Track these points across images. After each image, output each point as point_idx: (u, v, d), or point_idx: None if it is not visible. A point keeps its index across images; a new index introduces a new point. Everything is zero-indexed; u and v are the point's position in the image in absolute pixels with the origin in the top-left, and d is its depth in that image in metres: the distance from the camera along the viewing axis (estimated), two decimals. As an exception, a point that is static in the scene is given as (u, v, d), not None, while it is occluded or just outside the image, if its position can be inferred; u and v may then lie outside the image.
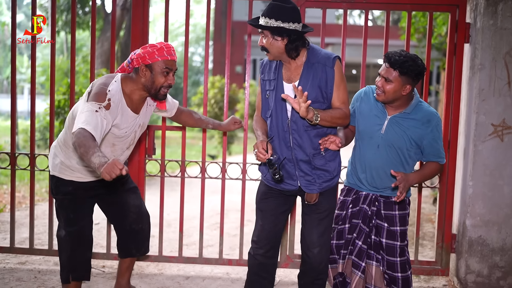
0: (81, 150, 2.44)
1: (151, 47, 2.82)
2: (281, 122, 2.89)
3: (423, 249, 5.11)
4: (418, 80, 2.82)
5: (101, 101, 2.72)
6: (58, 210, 3.09)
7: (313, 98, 2.80)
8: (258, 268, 3.08)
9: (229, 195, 6.88)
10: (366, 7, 3.97)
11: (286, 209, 3.08)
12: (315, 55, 2.86)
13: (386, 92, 2.81)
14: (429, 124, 2.86)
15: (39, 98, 15.16)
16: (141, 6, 4.01)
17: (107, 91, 2.77)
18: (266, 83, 2.97)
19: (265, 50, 2.83)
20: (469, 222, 3.88)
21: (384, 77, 2.80)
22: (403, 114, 2.87)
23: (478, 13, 3.80)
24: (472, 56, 3.86)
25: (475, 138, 3.82)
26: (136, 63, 2.84)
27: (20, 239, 4.91)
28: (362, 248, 2.98)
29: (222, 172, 4.13)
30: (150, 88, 2.86)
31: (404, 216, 2.97)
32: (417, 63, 2.76)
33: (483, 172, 3.83)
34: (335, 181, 3.00)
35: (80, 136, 2.48)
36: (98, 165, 2.35)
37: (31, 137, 4.21)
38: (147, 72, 2.83)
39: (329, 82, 2.82)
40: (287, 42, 2.77)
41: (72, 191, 3.03)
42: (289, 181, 2.95)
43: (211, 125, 3.45)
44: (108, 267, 4.19)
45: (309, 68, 2.84)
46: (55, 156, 3.04)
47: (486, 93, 3.79)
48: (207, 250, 4.92)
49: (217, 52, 22.31)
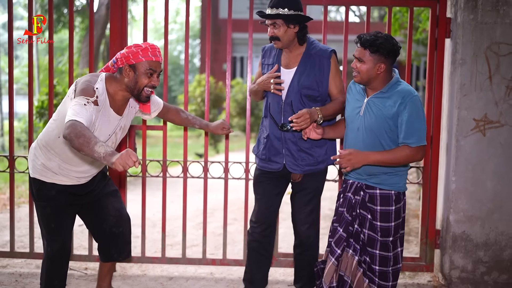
0: (80, 141, 2.36)
1: (135, 47, 2.76)
2: (276, 103, 3.22)
3: (408, 245, 5.10)
4: (392, 58, 2.79)
5: (90, 96, 2.66)
6: (40, 218, 2.99)
7: (308, 85, 3.15)
8: (257, 245, 3.41)
9: (216, 193, 6.87)
10: (346, 3, 3.95)
11: (278, 192, 3.38)
12: (314, 47, 3.20)
13: (360, 72, 2.81)
14: (403, 100, 2.75)
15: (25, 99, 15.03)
16: (119, 5, 3.95)
17: (94, 88, 2.71)
18: (265, 67, 3.32)
19: (275, 39, 3.12)
20: (453, 218, 3.87)
21: (357, 58, 2.80)
22: (379, 93, 2.83)
23: (458, 8, 3.79)
24: (453, 51, 3.85)
25: (457, 133, 3.81)
26: (120, 63, 2.78)
27: (2, 241, 4.85)
28: (341, 235, 2.95)
29: (204, 171, 4.09)
30: (133, 88, 2.79)
31: (387, 212, 2.87)
32: (388, 41, 2.74)
33: (465, 168, 3.82)
34: (319, 167, 3.28)
35: (76, 127, 2.41)
36: (104, 154, 2.32)
37: (9, 138, 4.14)
38: (130, 72, 2.76)
39: (325, 72, 3.16)
40: (298, 29, 3.11)
41: (55, 196, 2.94)
42: (276, 159, 3.27)
43: (198, 125, 3.39)
44: (91, 269, 4.14)
45: (307, 58, 3.18)
46: (35, 157, 2.94)
47: (467, 88, 3.78)
48: (191, 250, 4.88)
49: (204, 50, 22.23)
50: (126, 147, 4.01)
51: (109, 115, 2.82)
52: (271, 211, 3.38)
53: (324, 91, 3.20)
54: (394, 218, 2.88)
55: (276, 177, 3.35)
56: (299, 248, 3.45)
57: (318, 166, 3.28)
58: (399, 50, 2.82)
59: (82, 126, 2.43)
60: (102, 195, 3.13)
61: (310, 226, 3.37)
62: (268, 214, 3.38)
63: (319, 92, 3.18)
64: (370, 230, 2.89)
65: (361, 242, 2.93)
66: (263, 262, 3.47)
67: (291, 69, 3.22)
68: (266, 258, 3.47)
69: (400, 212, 2.91)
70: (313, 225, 3.39)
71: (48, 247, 3.00)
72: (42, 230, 3.02)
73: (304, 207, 3.35)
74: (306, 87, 3.16)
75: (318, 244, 3.47)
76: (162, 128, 4.09)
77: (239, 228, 5.67)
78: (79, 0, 15.86)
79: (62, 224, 3.00)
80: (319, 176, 3.35)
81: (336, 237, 2.98)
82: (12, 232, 4.19)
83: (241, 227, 5.66)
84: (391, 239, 2.88)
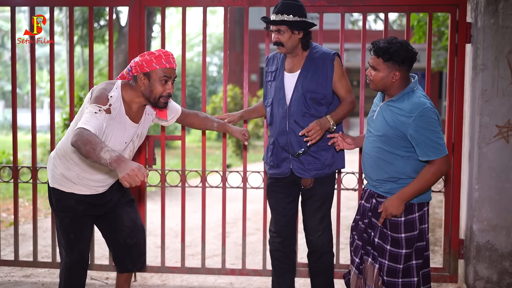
0: (87, 148, 2.37)
1: (149, 54, 2.77)
2: (280, 108, 3.22)
3: (434, 255, 4.99)
4: (408, 65, 2.72)
5: (102, 104, 2.67)
6: (59, 229, 3.00)
7: (312, 88, 3.16)
8: (279, 255, 3.39)
9: (238, 203, 6.85)
10: (363, 10, 3.91)
11: (291, 200, 3.34)
12: (317, 51, 3.23)
13: (374, 81, 2.76)
14: (411, 114, 2.65)
15: (57, 112, 15.32)
16: (137, 15, 4.00)
17: (108, 96, 2.72)
18: (269, 74, 3.35)
19: (279, 45, 3.15)
20: (476, 227, 3.77)
21: (371, 66, 2.76)
22: (390, 101, 2.77)
23: (478, 12, 3.72)
24: (474, 56, 3.77)
25: (480, 140, 3.72)
26: (134, 71, 2.78)
27: (27, 252, 4.93)
28: (357, 244, 2.90)
29: (223, 180, 4.09)
30: (149, 97, 2.80)
31: (395, 223, 2.77)
32: (403, 48, 2.67)
33: (489, 175, 3.73)
34: (326, 171, 3.24)
35: (83, 134, 2.42)
36: (110, 160, 2.32)
37: (32, 149, 4.22)
38: (145, 81, 2.76)
39: (329, 74, 3.17)
40: (302, 35, 3.14)
41: (74, 206, 2.94)
42: (283, 164, 3.26)
43: (216, 124, 3.37)
44: (112, 279, 4.17)
45: (311, 61, 3.20)
46: (54, 167, 2.96)
47: (489, 94, 3.69)
48: (213, 260, 4.87)
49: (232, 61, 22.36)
50: (145, 157, 4.05)
51: (125, 123, 2.83)
52: (286, 220, 3.34)
53: (328, 93, 3.18)
54: (405, 229, 2.76)
55: (287, 185, 3.32)
56: (313, 256, 3.39)
57: (325, 170, 3.23)
58: (415, 56, 2.74)
59: (89, 133, 2.44)
60: (119, 205, 3.14)
61: (322, 233, 3.31)
62: (285, 224, 3.34)
63: (323, 95, 3.17)
64: (380, 239, 2.82)
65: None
66: (288, 270, 3.43)
67: (294, 73, 3.23)
68: (290, 267, 3.43)
69: (414, 224, 2.78)
70: (325, 232, 3.33)
71: (66, 257, 3.00)
72: (61, 240, 3.03)
73: (314, 214, 3.30)
74: (310, 90, 3.16)
75: (332, 251, 3.41)
76: (181, 138, 4.11)
77: (260, 238, 5.64)
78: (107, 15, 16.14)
79: (81, 235, 3.00)
80: (328, 181, 3.31)
81: (353, 246, 2.95)
82: (35, 242, 4.25)
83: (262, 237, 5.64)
84: (404, 252, 2.76)
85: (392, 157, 2.76)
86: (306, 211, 3.34)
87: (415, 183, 2.71)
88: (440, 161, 2.67)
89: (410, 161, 2.75)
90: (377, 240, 2.82)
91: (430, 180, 2.70)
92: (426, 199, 2.84)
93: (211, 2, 3.98)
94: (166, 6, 4.00)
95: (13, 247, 4.78)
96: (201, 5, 4.01)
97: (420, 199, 2.80)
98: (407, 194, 2.72)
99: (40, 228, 5.91)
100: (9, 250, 5.02)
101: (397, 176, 2.77)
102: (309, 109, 3.17)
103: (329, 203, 3.34)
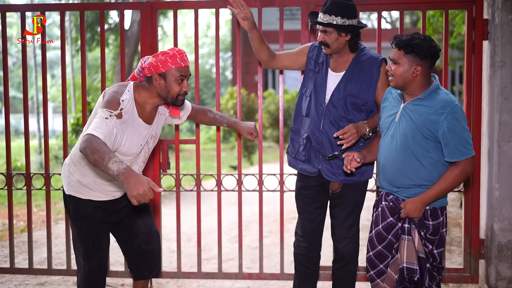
0: (95, 156, 2.31)
1: (163, 54, 2.70)
2: (318, 105, 3.09)
3: (451, 255, 4.93)
4: (430, 61, 2.63)
5: (113, 109, 2.61)
6: (77, 237, 2.93)
7: (354, 92, 3.03)
8: (303, 259, 3.32)
9: (251, 206, 6.82)
10: (378, 8, 3.86)
11: (320, 205, 3.25)
12: (364, 54, 3.09)
13: (395, 75, 2.67)
14: (443, 110, 2.56)
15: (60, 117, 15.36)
16: (149, 19, 3.96)
17: (120, 100, 2.67)
18: (313, 62, 3.17)
19: (325, 45, 3.01)
20: (497, 226, 3.71)
21: (392, 60, 2.67)
22: (416, 100, 2.66)
23: (496, 9, 3.66)
24: (491, 53, 3.71)
25: (499, 138, 3.66)
26: (148, 72, 2.72)
27: (41, 259, 4.89)
28: (382, 251, 2.81)
29: (238, 184, 4.05)
30: (166, 97, 2.75)
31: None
32: (426, 42, 2.59)
33: (509, 174, 3.67)
34: (356, 179, 3.12)
35: (91, 142, 2.37)
36: (118, 173, 2.26)
37: (45, 156, 4.18)
38: (161, 81, 2.71)
39: (374, 80, 3.03)
40: (349, 38, 2.99)
41: (91, 213, 2.89)
42: (314, 161, 3.14)
43: (226, 123, 3.31)
44: (127, 285, 4.13)
45: (356, 64, 3.06)
46: (70, 174, 2.89)
47: (508, 91, 3.64)
48: (227, 264, 4.82)
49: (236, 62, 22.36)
50: (159, 161, 4.00)
51: (138, 125, 2.77)
52: (314, 225, 3.26)
53: (370, 100, 3.05)
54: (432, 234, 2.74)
55: (316, 189, 3.22)
56: (338, 263, 3.32)
57: (355, 178, 3.11)
58: (438, 52, 2.65)
59: (98, 141, 2.38)
60: (134, 211, 3.09)
61: (350, 241, 3.23)
62: (312, 229, 3.27)
63: (365, 101, 3.04)
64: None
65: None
66: (311, 275, 3.36)
67: (338, 73, 3.10)
68: (314, 272, 3.36)
69: (439, 229, 2.74)
70: (353, 240, 3.24)
71: (85, 266, 2.94)
72: (79, 249, 2.96)
73: (343, 221, 3.21)
74: (352, 95, 3.02)
75: (357, 259, 3.33)
76: (195, 142, 4.07)
77: (275, 241, 5.59)
78: (112, 18, 16.12)
79: (99, 242, 2.95)
80: (359, 189, 3.20)
81: (377, 254, 2.83)
82: (49, 250, 4.21)
83: (277, 239, 5.58)
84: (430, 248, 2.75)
85: (419, 163, 2.67)
86: (335, 218, 3.26)
87: (439, 185, 2.64)
88: (466, 162, 2.61)
89: (437, 167, 2.68)
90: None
91: (455, 182, 2.64)
92: (446, 203, 2.78)
93: (223, 4, 3.93)
94: (178, 8, 3.96)
95: (26, 255, 4.75)
96: (213, 7, 3.97)
97: (442, 203, 2.75)
98: (431, 197, 2.66)
99: (52, 235, 5.87)
100: (22, 257, 4.97)
101: (423, 184, 2.69)
102: (347, 114, 3.05)
103: (358, 211, 3.24)
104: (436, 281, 2.75)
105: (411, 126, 2.65)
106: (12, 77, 28.61)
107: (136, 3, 4.05)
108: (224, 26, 30.60)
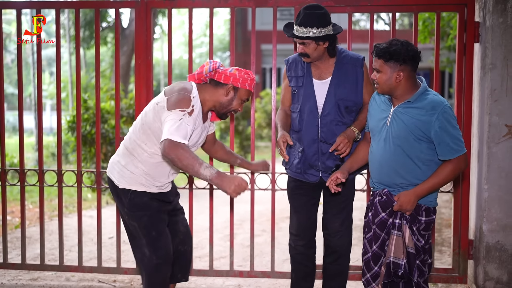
0: (184, 163, 2.49)
1: (246, 73, 2.88)
2: (312, 116, 3.14)
3: (441, 255, 4.97)
4: (412, 65, 2.68)
5: (186, 106, 2.69)
6: (138, 229, 2.92)
7: (345, 96, 3.11)
8: (301, 258, 3.36)
9: (244, 205, 6.84)
10: (371, 10, 3.89)
11: (314, 202, 3.33)
12: (344, 56, 3.16)
13: (379, 83, 2.74)
14: (434, 111, 2.64)
15: (60, 114, 15.40)
16: (144, 18, 3.99)
17: (191, 97, 2.75)
18: (293, 79, 3.23)
19: (305, 56, 3.08)
20: (486, 227, 3.75)
21: (374, 69, 2.74)
22: (406, 103, 2.72)
23: (487, 11, 3.70)
24: (482, 56, 3.75)
25: (489, 140, 3.70)
26: (224, 79, 2.84)
27: (34, 255, 4.92)
28: (376, 252, 2.84)
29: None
30: (224, 107, 2.90)
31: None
32: (403, 47, 2.65)
33: (498, 175, 3.71)
34: (352, 176, 3.21)
35: (177, 149, 2.51)
36: (211, 177, 2.49)
37: (39, 152, 4.21)
38: (231, 93, 2.87)
39: (359, 81, 3.14)
40: (328, 44, 3.07)
41: (148, 202, 2.92)
42: (311, 172, 3.20)
43: (240, 161, 3.40)
44: (119, 282, 4.16)
45: (340, 68, 3.14)
46: (123, 168, 2.91)
47: (498, 93, 3.68)
48: (220, 262, 4.85)
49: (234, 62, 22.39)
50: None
51: (200, 123, 2.90)
52: (310, 222, 3.32)
53: (359, 100, 3.15)
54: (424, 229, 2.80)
55: (312, 188, 3.29)
56: (330, 257, 3.36)
57: (351, 176, 3.19)
58: (418, 55, 2.71)
59: (184, 147, 2.53)
60: (176, 209, 3.17)
61: (343, 235, 3.30)
62: (309, 226, 3.32)
63: (354, 102, 3.14)
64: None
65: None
66: (310, 273, 3.41)
67: (324, 80, 3.16)
68: (312, 270, 3.41)
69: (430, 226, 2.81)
70: (347, 233, 3.32)
71: (152, 256, 2.92)
72: (141, 240, 2.94)
73: (337, 215, 3.29)
74: (342, 99, 3.11)
75: (350, 254, 3.39)
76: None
77: (267, 240, 5.62)
78: (111, 16, 16.13)
79: (162, 229, 2.96)
80: (350, 184, 3.29)
81: (372, 255, 2.86)
82: (42, 245, 4.24)
83: (269, 238, 5.60)
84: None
85: (414, 164, 2.73)
86: (328, 212, 3.32)
87: (432, 179, 2.71)
88: (459, 159, 2.68)
89: (431, 166, 2.74)
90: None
91: (448, 177, 2.71)
92: (435, 204, 2.84)
93: (217, 3, 3.97)
94: (173, 7, 3.99)
95: (19, 250, 4.78)
96: (208, 6, 4.00)
97: (435, 204, 2.81)
98: (425, 190, 2.72)
99: (46, 231, 5.89)
100: (15, 253, 5.00)
101: (418, 183, 2.74)
102: (342, 118, 3.13)
103: (351, 205, 3.33)
104: (424, 278, 2.79)
105: (403, 128, 2.71)
106: (10, 74, 28.58)
107: (131, 1, 4.07)
108: (223, 26, 30.62)
